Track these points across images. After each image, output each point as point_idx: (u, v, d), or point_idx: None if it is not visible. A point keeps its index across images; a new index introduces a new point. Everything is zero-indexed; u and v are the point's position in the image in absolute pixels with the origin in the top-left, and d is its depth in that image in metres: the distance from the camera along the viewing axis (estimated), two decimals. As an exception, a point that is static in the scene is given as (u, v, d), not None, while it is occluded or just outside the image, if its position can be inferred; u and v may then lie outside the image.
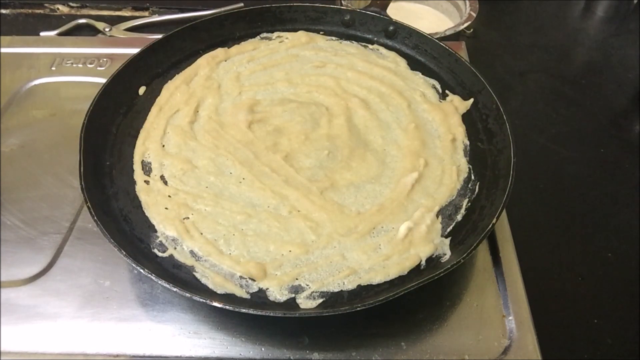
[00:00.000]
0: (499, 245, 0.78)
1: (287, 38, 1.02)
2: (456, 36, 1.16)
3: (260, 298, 0.68)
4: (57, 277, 0.75)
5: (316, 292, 0.68)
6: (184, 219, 0.75)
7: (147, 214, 0.76)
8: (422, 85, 0.95)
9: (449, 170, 0.81)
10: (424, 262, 0.71)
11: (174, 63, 0.97)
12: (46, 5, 1.32)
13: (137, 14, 1.32)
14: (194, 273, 0.70)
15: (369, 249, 0.72)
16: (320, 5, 1.04)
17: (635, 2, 1.40)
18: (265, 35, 1.04)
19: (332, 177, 0.80)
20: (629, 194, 0.98)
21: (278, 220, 0.75)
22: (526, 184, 0.97)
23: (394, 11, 1.27)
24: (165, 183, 0.80)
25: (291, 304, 0.67)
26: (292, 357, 0.68)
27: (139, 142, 0.85)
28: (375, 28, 1.03)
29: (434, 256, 0.72)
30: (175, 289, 0.63)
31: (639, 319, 0.81)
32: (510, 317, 0.71)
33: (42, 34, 1.20)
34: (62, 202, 0.84)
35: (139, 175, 0.80)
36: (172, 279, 0.67)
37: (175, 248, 0.72)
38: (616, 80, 1.21)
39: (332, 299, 0.68)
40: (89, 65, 1.08)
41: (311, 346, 0.68)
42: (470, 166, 0.83)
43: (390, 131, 0.87)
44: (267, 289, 0.68)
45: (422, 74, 0.97)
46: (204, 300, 0.62)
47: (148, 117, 0.88)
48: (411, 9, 1.32)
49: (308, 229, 0.74)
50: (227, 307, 0.62)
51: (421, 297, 0.72)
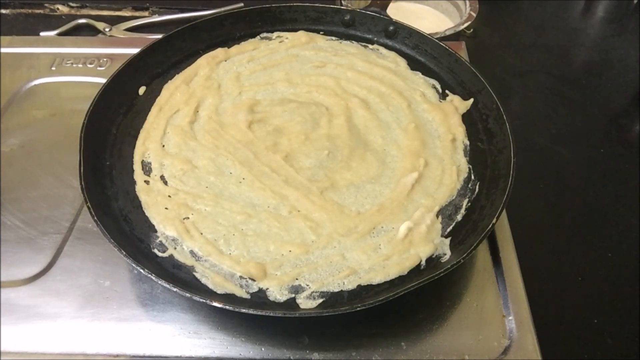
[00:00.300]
0: (499, 245, 0.78)
1: (287, 38, 1.02)
2: (456, 36, 1.16)
3: (260, 298, 0.68)
4: (57, 277, 0.75)
5: (316, 292, 0.68)
6: (184, 219, 0.75)
7: (147, 214, 0.76)
8: (422, 85, 0.95)
9: (449, 170, 0.81)
10: (424, 262, 0.71)
11: (174, 63, 0.97)
12: (46, 5, 1.32)
13: (137, 14, 1.32)
14: (194, 273, 0.70)
15: (369, 249, 0.72)
16: (320, 5, 1.04)
17: (635, 2, 1.40)
18: (265, 35, 1.04)
19: (332, 177, 0.80)
20: (629, 194, 0.98)
21: (278, 220, 0.75)
22: (526, 184, 0.97)
23: (394, 11, 1.27)
24: (165, 183, 0.80)
25: (291, 304, 0.67)
26: (292, 357, 0.68)
27: (139, 142, 0.85)
28: (375, 28, 1.03)
29: (434, 256, 0.72)
30: (175, 289, 0.63)
31: (639, 319, 0.81)
32: (510, 317, 0.71)
33: (42, 34, 1.20)
34: (62, 202, 0.84)
35: (139, 175, 0.80)
36: (172, 279, 0.67)
37: (175, 248, 0.72)
38: (616, 80, 1.21)
39: (332, 299, 0.68)
40: (89, 65, 1.08)
41: (311, 346, 0.68)
42: (470, 166, 0.83)
43: (390, 131, 0.87)
44: (267, 289, 0.68)
45: (422, 74, 0.97)
46: (204, 300, 0.62)
47: (148, 117, 0.88)
48: (411, 9, 1.32)
49: (308, 229, 0.74)
50: (227, 307, 0.62)
51: (421, 297, 0.72)
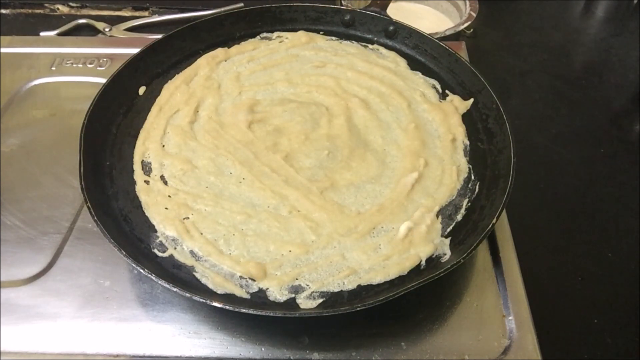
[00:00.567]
0: (499, 245, 0.78)
1: (287, 38, 1.02)
2: (456, 36, 1.16)
3: (260, 298, 0.68)
4: (57, 277, 0.75)
5: (316, 292, 0.68)
6: (184, 219, 0.75)
7: (147, 214, 0.76)
8: (422, 85, 0.95)
9: (449, 170, 0.81)
10: (424, 262, 0.71)
11: (174, 63, 0.97)
12: (46, 5, 1.32)
13: (137, 14, 1.32)
14: (194, 273, 0.70)
15: (369, 249, 0.72)
16: (320, 5, 1.04)
17: (635, 2, 1.40)
18: (265, 35, 1.04)
19: (332, 177, 0.80)
20: (629, 194, 0.98)
21: (278, 220, 0.75)
22: (526, 184, 0.97)
23: (394, 11, 1.27)
24: (165, 183, 0.80)
25: (291, 304, 0.67)
26: (292, 357, 0.68)
27: (139, 142, 0.85)
28: (375, 28, 1.03)
29: (434, 256, 0.72)
30: (175, 289, 0.63)
31: (639, 319, 0.81)
32: (510, 317, 0.71)
33: (42, 34, 1.20)
34: (62, 202, 0.84)
35: (139, 175, 0.80)
36: (172, 279, 0.67)
37: (175, 248, 0.72)
38: (616, 80, 1.21)
39: (332, 299, 0.68)
40: (89, 65, 1.08)
41: (311, 346, 0.68)
42: (470, 166, 0.83)
43: (390, 131, 0.87)
44: (267, 289, 0.68)
45: (422, 74, 0.97)
46: (204, 300, 0.62)
47: (148, 117, 0.88)
48: (411, 9, 1.32)
49: (308, 229, 0.74)
50: (227, 307, 0.62)
51: (421, 297, 0.72)
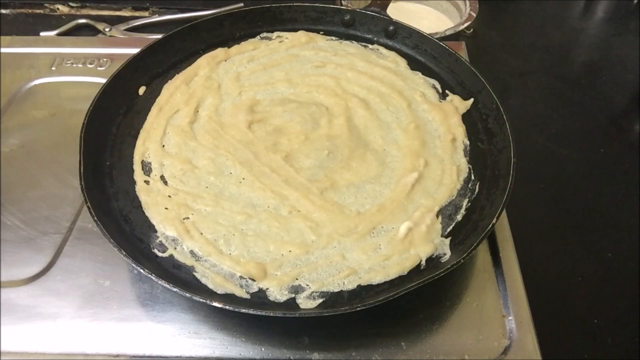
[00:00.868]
0: (499, 245, 0.78)
1: (287, 38, 1.02)
2: (456, 36, 1.16)
3: (260, 298, 0.68)
4: (57, 277, 0.75)
5: (316, 292, 0.68)
6: (184, 219, 0.75)
7: (147, 214, 0.76)
8: (422, 85, 0.95)
9: (449, 170, 0.81)
10: (424, 262, 0.71)
11: (174, 63, 0.97)
12: (46, 5, 1.32)
13: (137, 14, 1.32)
14: (194, 273, 0.70)
15: (369, 249, 0.72)
16: (320, 5, 1.04)
17: (635, 2, 1.40)
18: (265, 35, 1.04)
19: (332, 177, 0.80)
20: (629, 194, 0.98)
21: (278, 220, 0.75)
22: (526, 184, 0.97)
23: (394, 11, 1.27)
24: (165, 183, 0.80)
25: (291, 304, 0.67)
26: (292, 357, 0.68)
27: (139, 142, 0.85)
28: (375, 28, 1.03)
29: (434, 256, 0.72)
30: (175, 289, 0.63)
31: (639, 319, 0.81)
32: (510, 317, 0.71)
33: (42, 34, 1.20)
34: (62, 202, 0.84)
35: (139, 175, 0.80)
36: (172, 279, 0.67)
37: (175, 248, 0.72)
38: (616, 81, 1.21)
39: (332, 299, 0.68)
40: (89, 65, 1.08)
41: (311, 346, 0.68)
42: (470, 166, 0.83)
43: (390, 131, 0.87)
44: (267, 289, 0.68)
45: (422, 74, 0.97)
46: (204, 300, 0.62)
47: (148, 117, 0.88)
48: (411, 9, 1.32)
49: (308, 229, 0.74)
50: (227, 307, 0.62)
51: (421, 297, 0.72)
